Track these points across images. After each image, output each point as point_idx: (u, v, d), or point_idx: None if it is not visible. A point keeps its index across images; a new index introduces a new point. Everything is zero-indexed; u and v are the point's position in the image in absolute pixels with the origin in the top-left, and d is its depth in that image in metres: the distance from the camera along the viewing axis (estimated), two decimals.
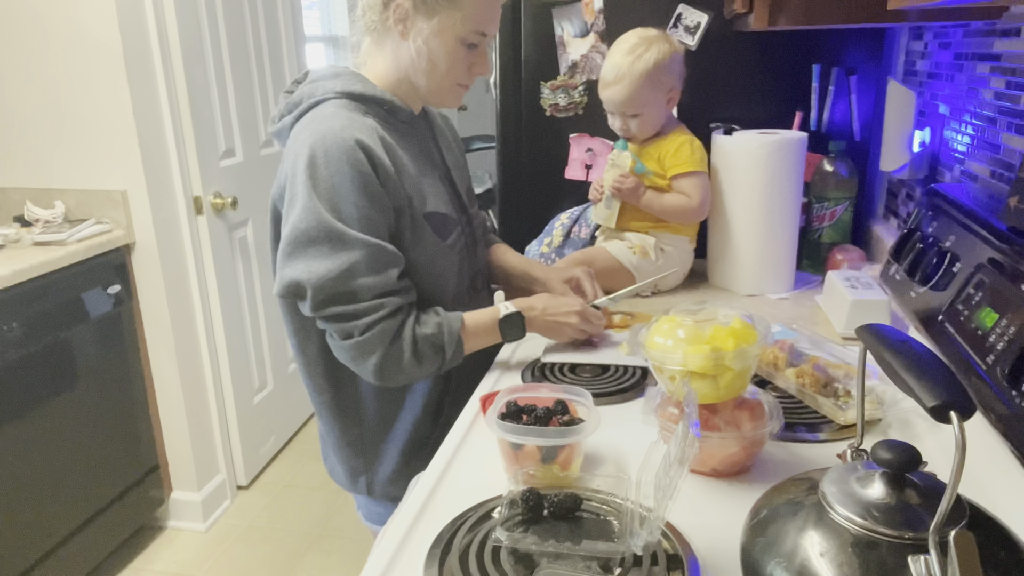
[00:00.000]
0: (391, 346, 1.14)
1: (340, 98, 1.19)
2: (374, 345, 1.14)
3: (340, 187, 1.11)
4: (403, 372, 1.17)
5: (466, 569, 0.77)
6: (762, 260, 1.60)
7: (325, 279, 1.10)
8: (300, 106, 1.20)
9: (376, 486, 1.33)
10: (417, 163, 1.23)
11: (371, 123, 1.17)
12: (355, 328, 1.13)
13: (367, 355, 1.15)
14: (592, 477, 0.90)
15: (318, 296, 1.12)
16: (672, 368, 0.93)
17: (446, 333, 1.18)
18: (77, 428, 2.12)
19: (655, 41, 1.53)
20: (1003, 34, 1.24)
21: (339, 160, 1.10)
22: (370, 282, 1.12)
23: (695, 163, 1.58)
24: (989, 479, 0.85)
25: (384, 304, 1.14)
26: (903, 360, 0.60)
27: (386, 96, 1.21)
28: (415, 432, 1.31)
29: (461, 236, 1.31)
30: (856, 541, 0.59)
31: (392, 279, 1.15)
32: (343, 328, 1.14)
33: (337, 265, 1.10)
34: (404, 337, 1.15)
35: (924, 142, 1.55)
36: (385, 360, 1.15)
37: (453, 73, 1.22)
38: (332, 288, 1.11)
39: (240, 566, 2.37)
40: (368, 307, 1.13)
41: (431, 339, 1.17)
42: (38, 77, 2.19)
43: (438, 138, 1.35)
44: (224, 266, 2.57)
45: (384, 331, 1.14)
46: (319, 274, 1.10)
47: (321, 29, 3.93)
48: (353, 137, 1.12)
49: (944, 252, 1.14)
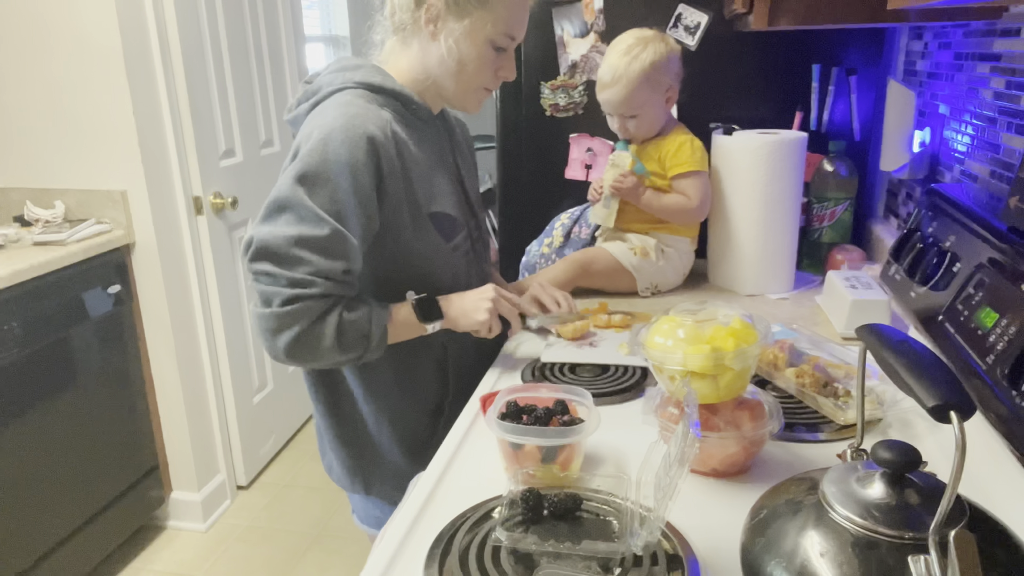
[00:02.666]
0: (311, 327, 1.10)
1: (359, 88, 1.19)
2: (291, 321, 1.09)
3: (332, 169, 1.09)
4: (318, 355, 1.12)
5: (466, 569, 0.77)
6: (762, 260, 1.60)
7: (277, 237, 1.08)
8: (318, 93, 1.20)
9: (373, 485, 1.33)
10: (429, 161, 1.23)
11: (386, 116, 1.17)
12: (277, 296, 1.08)
13: (281, 330, 1.09)
14: (592, 477, 0.90)
15: (259, 249, 1.08)
16: (672, 368, 0.93)
17: (374, 321, 1.15)
18: (77, 428, 2.12)
19: (651, 41, 1.53)
20: (1003, 34, 1.24)
21: (340, 145, 1.10)
22: (314, 259, 1.09)
23: (695, 163, 1.57)
24: (989, 479, 0.85)
25: (316, 284, 1.09)
26: (903, 360, 0.60)
27: (405, 91, 1.21)
28: (414, 431, 1.30)
29: (467, 239, 1.31)
30: (856, 541, 0.59)
31: (338, 268, 1.11)
32: (267, 292, 1.09)
33: (294, 231, 1.08)
34: (328, 322, 1.10)
35: (924, 142, 1.56)
36: (300, 340, 1.10)
37: (480, 76, 1.22)
38: (275, 246, 1.08)
39: (240, 566, 2.37)
40: (298, 279, 1.08)
41: (357, 326, 1.13)
42: (38, 77, 2.19)
43: (452, 140, 1.35)
44: (224, 266, 2.57)
45: (307, 309, 1.09)
46: (275, 232, 1.08)
47: (321, 29, 3.93)
48: (364, 128, 1.11)
49: (944, 252, 1.14)
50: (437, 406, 1.31)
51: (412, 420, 1.30)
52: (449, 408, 1.30)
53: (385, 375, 1.27)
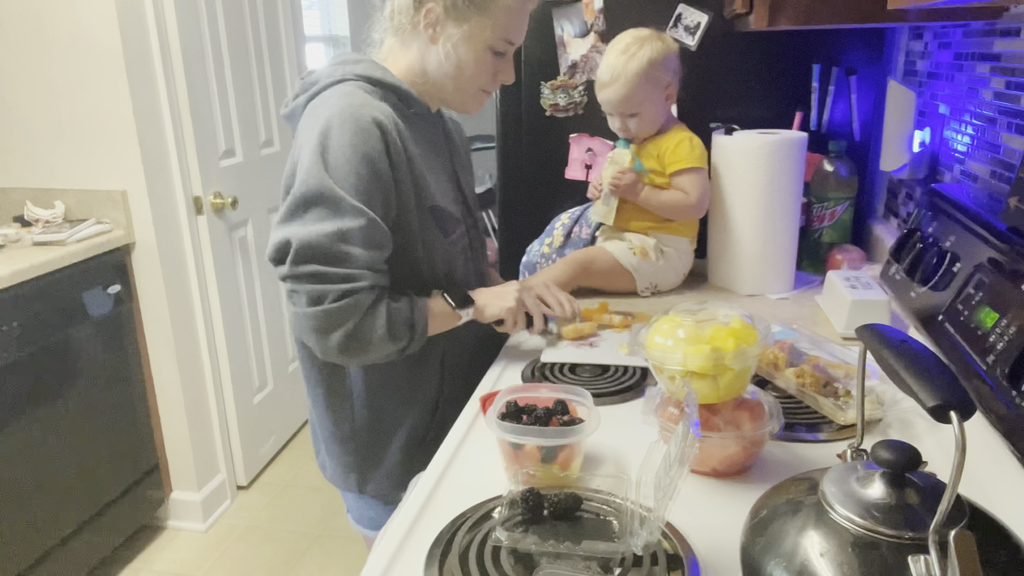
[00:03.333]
0: (364, 318, 1.10)
1: (359, 80, 1.19)
2: (346, 316, 1.09)
3: (349, 157, 1.09)
4: (370, 348, 1.12)
5: (466, 569, 0.77)
6: (762, 260, 1.60)
7: (316, 235, 1.07)
8: (317, 85, 1.20)
9: (368, 484, 1.32)
10: (426, 157, 1.24)
11: (386, 108, 1.17)
12: (329, 293, 1.08)
13: (336, 326, 1.09)
14: (592, 477, 0.90)
15: (302, 251, 1.07)
16: (672, 368, 0.93)
17: (416, 310, 1.16)
18: (77, 428, 2.12)
19: (648, 40, 1.53)
20: (1003, 34, 1.24)
21: (352, 132, 1.10)
22: (360, 253, 1.09)
23: (694, 160, 1.58)
24: (989, 479, 0.85)
25: (365, 277, 1.10)
26: (903, 360, 0.60)
27: (403, 86, 1.21)
28: (410, 430, 1.30)
29: (465, 236, 1.31)
30: (856, 541, 0.59)
31: (381, 258, 1.13)
32: (316, 290, 1.08)
33: (333, 227, 1.08)
34: (379, 311, 1.11)
35: (924, 142, 1.56)
36: (355, 333, 1.10)
37: (478, 79, 1.22)
38: (320, 245, 1.07)
39: (240, 566, 2.37)
40: (350, 275, 1.09)
41: (403, 315, 1.14)
42: (38, 77, 2.19)
43: (449, 140, 1.35)
44: (224, 266, 2.57)
45: (359, 303, 1.09)
46: (311, 231, 1.08)
47: (321, 29, 3.93)
48: (371, 115, 1.12)
49: (944, 252, 1.14)
50: (432, 404, 1.31)
51: (407, 418, 1.30)
52: (444, 406, 1.30)
53: (382, 373, 1.27)
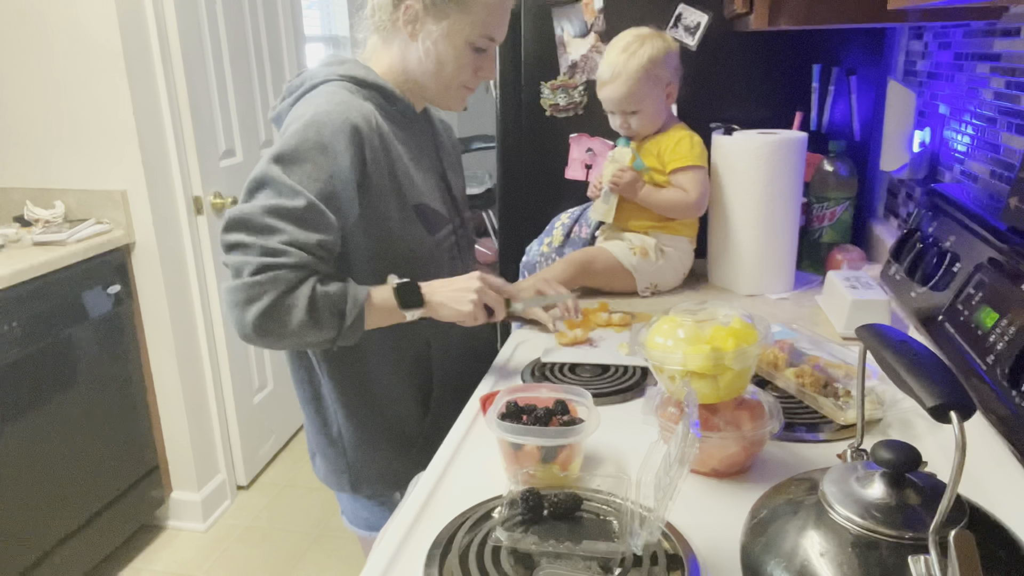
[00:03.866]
0: (282, 297, 1.05)
1: (343, 80, 1.19)
2: (262, 290, 1.04)
3: (314, 153, 1.09)
4: (288, 331, 1.06)
5: (466, 569, 0.77)
6: (762, 260, 1.60)
7: (251, 207, 1.06)
8: (302, 87, 1.21)
9: (360, 484, 1.32)
10: (412, 155, 1.24)
11: (370, 107, 1.17)
12: (248, 265, 1.05)
13: (251, 301, 1.04)
14: (592, 477, 0.90)
15: (232, 221, 1.06)
16: (672, 368, 0.93)
17: (350, 299, 1.10)
18: (77, 428, 2.12)
19: (649, 38, 1.54)
20: (1003, 34, 1.24)
21: (326, 128, 1.10)
22: (288, 228, 1.06)
23: (694, 158, 1.58)
24: (989, 479, 0.85)
25: (289, 253, 1.05)
26: (903, 360, 0.60)
27: (387, 85, 1.22)
28: (399, 430, 1.30)
29: (452, 235, 1.31)
30: (856, 541, 0.59)
31: (312, 239, 1.07)
32: (236, 262, 1.06)
33: (270, 202, 1.06)
34: (301, 292, 1.06)
35: (924, 142, 1.55)
36: (271, 311, 1.04)
37: (459, 76, 1.22)
38: (248, 215, 1.06)
39: (240, 566, 2.37)
40: (271, 248, 1.05)
41: (333, 300, 1.08)
42: (38, 77, 2.19)
43: (436, 139, 1.35)
44: (224, 266, 2.57)
45: (279, 279, 1.05)
46: (250, 204, 1.07)
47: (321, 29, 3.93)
48: (347, 117, 1.11)
49: (944, 252, 1.14)
50: (422, 402, 1.31)
51: (397, 417, 1.30)
52: (434, 404, 1.30)
53: (368, 371, 1.26)
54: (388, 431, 1.30)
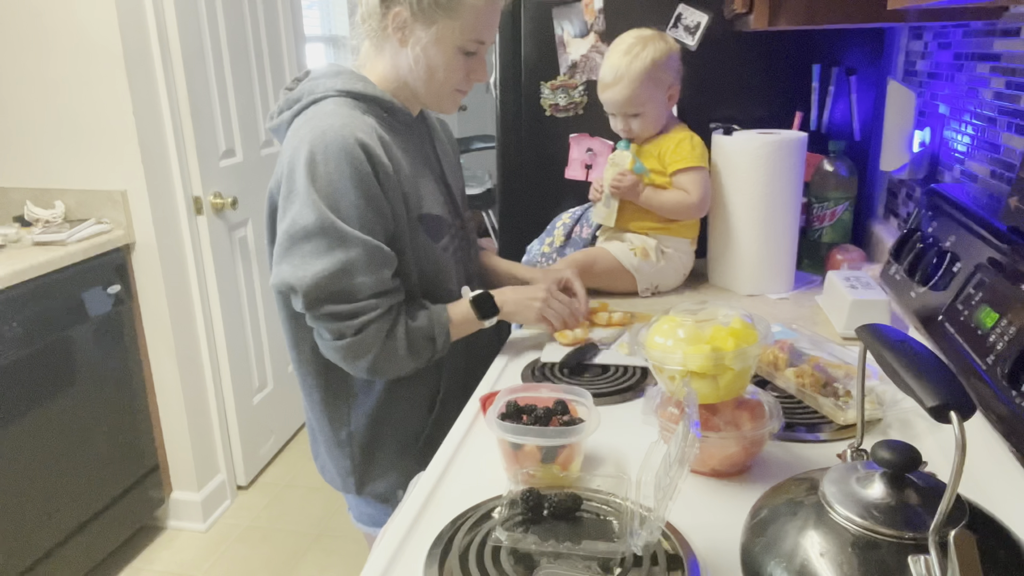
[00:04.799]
0: (385, 343, 1.15)
1: (341, 96, 1.19)
2: (369, 345, 1.14)
3: (339, 184, 1.11)
4: (398, 366, 1.19)
5: (466, 569, 0.77)
6: (762, 260, 1.60)
7: (320, 276, 1.10)
8: (300, 102, 1.20)
9: (366, 485, 1.32)
10: (414, 164, 1.24)
11: (370, 122, 1.17)
12: (348, 328, 1.13)
13: (361, 355, 1.15)
14: (592, 477, 0.90)
15: (312, 294, 1.11)
16: (672, 368, 0.93)
17: (436, 324, 1.21)
18: (77, 428, 2.12)
19: (651, 40, 1.53)
20: (1003, 34, 1.24)
21: (339, 158, 1.11)
22: (366, 281, 1.12)
23: (695, 159, 1.58)
24: (989, 479, 0.85)
25: (378, 304, 1.14)
26: (903, 360, 0.60)
27: (386, 97, 1.22)
28: (406, 430, 1.30)
29: (454, 239, 1.31)
30: (856, 541, 0.59)
31: (387, 279, 1.15)
32: (336, 328, 1.13)
33: (333, 263, 1.10)
34: (397, 335, 1.16)
35: (924, 142, 1.55)
36: (380, 358, 1.16)
37: (451, 80, 1.22)
38: (327, 286, 1.11)
39: (240, 566, 2.37)
40: (363, 307, 1.13)
41: (423, 331, 1.19)
42: (38, 77, 2.19)
43: (435, 141, 1.35)
44: (224, 266, 2.57)
45: (379, 331, 1.14)
46: (315, 271, 1.10)
47: (321, 29, 3.93)
48: (353, 136, 1.12)
49: (944, 252, 1.14)
50: (429, 404, 1.31)
51: (405, 419, 1.30)
52: (441, 405, 1.30)
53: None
54: (395, 432, 1.30)
